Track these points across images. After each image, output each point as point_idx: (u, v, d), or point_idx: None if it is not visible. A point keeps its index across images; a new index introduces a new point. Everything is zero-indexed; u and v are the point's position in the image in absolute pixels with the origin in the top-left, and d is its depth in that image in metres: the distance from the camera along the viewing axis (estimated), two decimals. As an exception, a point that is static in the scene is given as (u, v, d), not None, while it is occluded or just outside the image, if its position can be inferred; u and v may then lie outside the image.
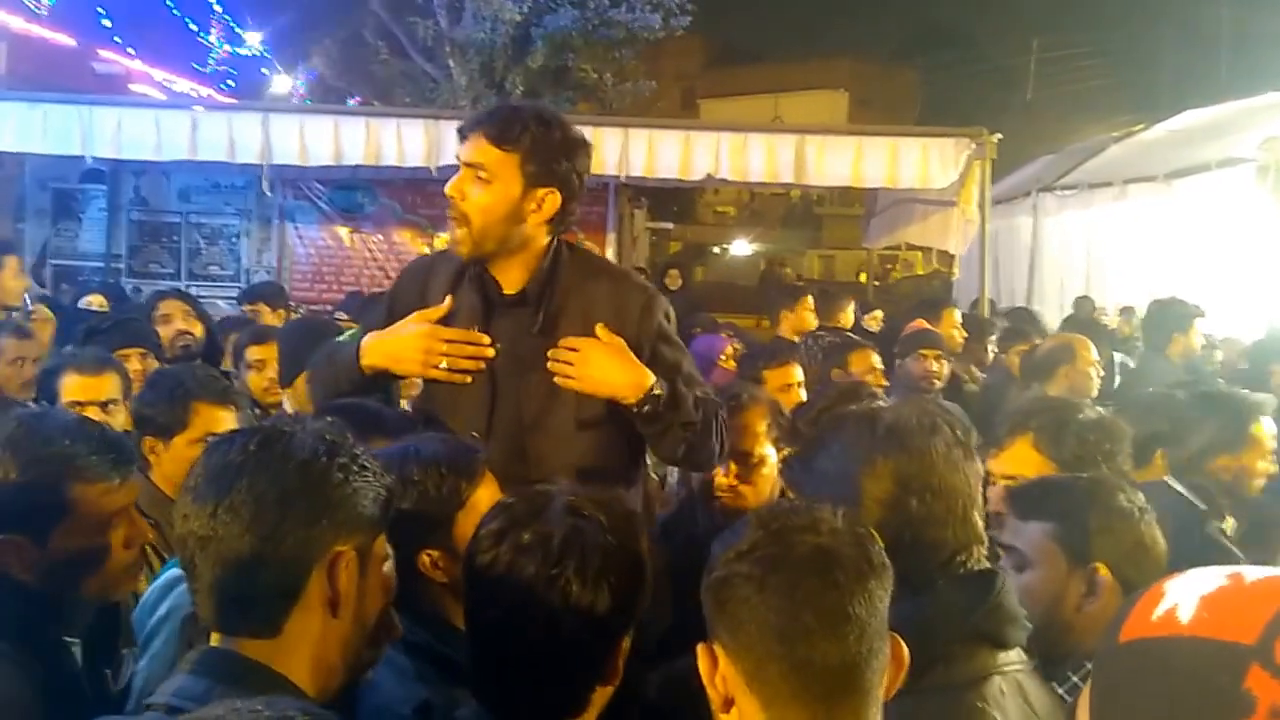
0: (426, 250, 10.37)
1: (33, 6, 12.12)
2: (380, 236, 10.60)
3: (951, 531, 1.67)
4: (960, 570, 1.67)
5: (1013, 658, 1.64)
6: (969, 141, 8.07)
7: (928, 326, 5.53)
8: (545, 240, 2.51)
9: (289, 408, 3.63)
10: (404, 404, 3.21)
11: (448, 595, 1.79)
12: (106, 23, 14.13)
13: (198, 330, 4.87)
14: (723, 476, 2.88)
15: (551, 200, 2.45)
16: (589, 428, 2.47)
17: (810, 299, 6.35)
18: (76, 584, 1.81)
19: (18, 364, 3.88)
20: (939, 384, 5.04)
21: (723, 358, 5.17)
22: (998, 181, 9.24)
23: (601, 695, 1.53)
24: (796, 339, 5.58)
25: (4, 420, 1.87)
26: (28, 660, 1.71)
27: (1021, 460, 2.69)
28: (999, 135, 8.17)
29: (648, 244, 17.63)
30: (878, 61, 43.62)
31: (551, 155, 2.44)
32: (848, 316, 6.91)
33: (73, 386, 3.12)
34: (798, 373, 4.17)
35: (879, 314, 8.60)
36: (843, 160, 8.20)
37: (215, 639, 1.37)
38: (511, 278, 2.53)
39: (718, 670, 1.36)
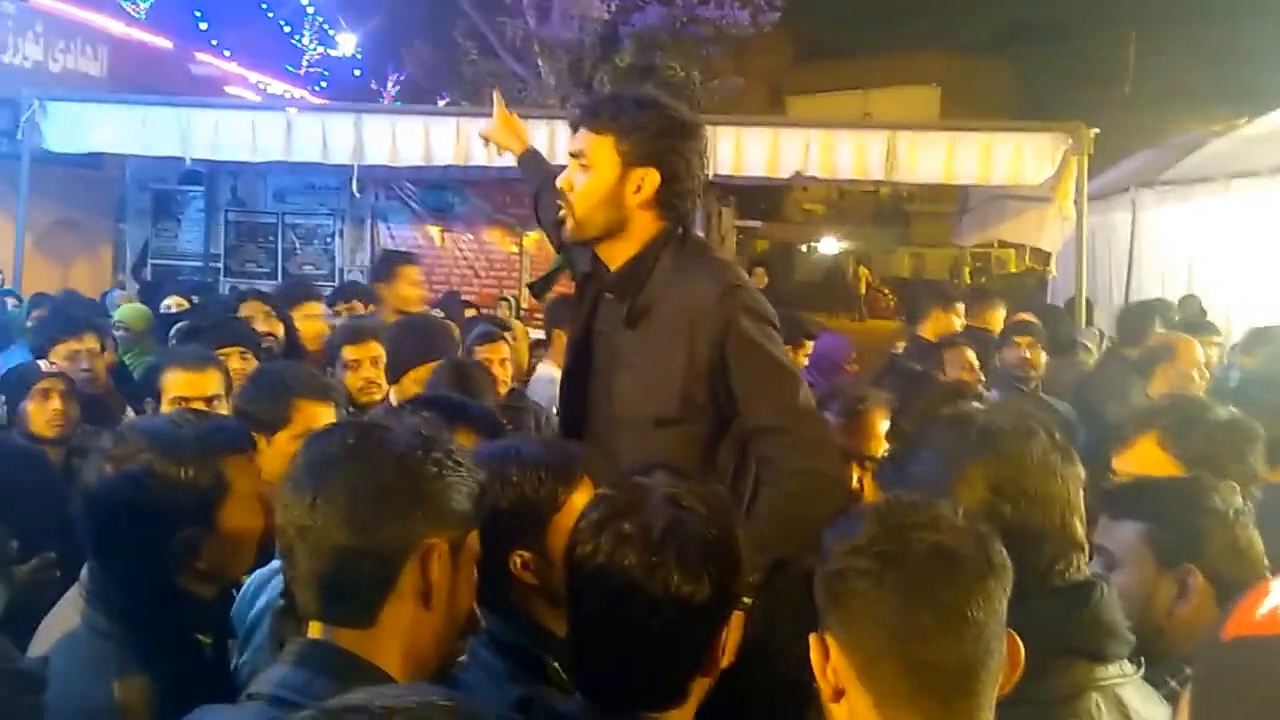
0: (515, 250, 10.44)
1: (130, 10, 12.50)
2: (470, 236, 10.69)
3: (1049, 539, 1.62)
4: (1058, 580, 1.62)
5: (1112, 672, 1.58)
6: (1065, 136, 7.83)
7: (1025, 317, 5.45)
8: (651, 225, 2.49)
9: (395, 405, 3.65)
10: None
11: (536, 597, 1.80)
12: (203, 25, 14.52)
13: (279, 331, 4.94)
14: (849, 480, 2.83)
15: (650, 179, 2.43)
16: (667, 425, 2.44)
17: (962, 305, 6.25)
18: (245, 561, 1.92)
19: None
20: (1035, 372, 4.99)
21: (849, 362, 5.19)
22: (1094, 177, 8.94)
23: (700, 686, 1.53)
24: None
25: (134, 432, 1.92)
26: (157, 658, 1.76)
27: (1146, 459, 2.62)
28: (1096, 130, 7.92)
29: (735, 242, 17.53)
30: (970, 55, 42.71)
31: (648, 135, 2.43)
32: (997, 319, 6.61)
33: (177, 382, 3.17)
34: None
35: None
36: (934, 157, 8.02)
37: (314, 629, 1.41)
38: (615, 263, 2.53)
39: (829, 661, 1.36)
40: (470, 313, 8.07)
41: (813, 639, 1.38)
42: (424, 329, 3.98)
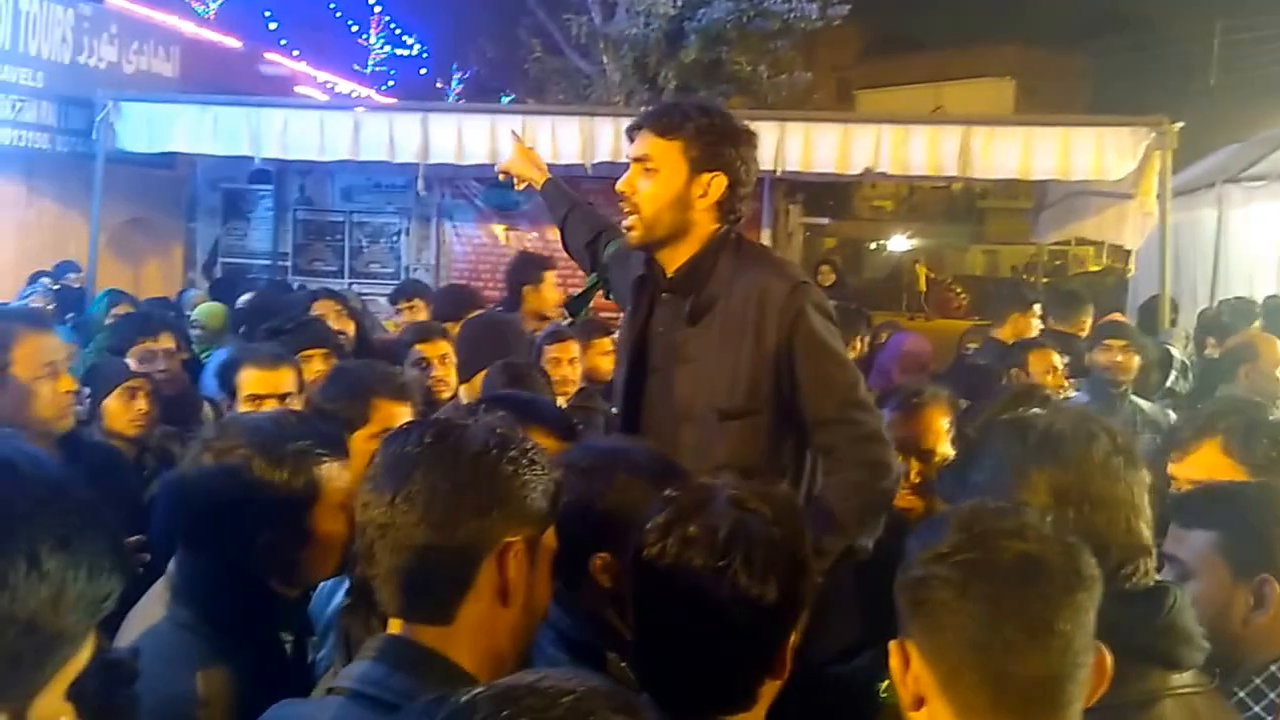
0: (579, 247, 10.39)
1: (199, 9, 12.69)
2: (535, 234, 10.65)
3: (1114, 544, 1.56)
4: (1126, 584, 1.56)
5: (1187, 679, 1.57)
6: (1148, 130, 7.60)
7: (1117, 318, 5.30)
8: (713, 228, 2.55)
9: (465, 403, 3.68)
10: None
11: (608, 600, 1.79)
12: (272, 26, 14.72)
13: (350, 329, 4.95)
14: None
15: (718, 184, 2.51)
16: (733, 418, 2.49)
17: (1039, 308, 6.13)
18: (328, 567, 1.95)
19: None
20: (1127, 375, 4.87)
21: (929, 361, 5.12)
22: (1178, 172, 8.63)
23: (770, 689, 1.52)
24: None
25: (227, 429, 1.99)
26: (240, 653, 1.79)
27: (1209, 464, 2.57)
28: (1180, 123, 7.66)
29: (802, 240, 17.33)
30: (1045, 47, 41.80)
31: (714, 140, 2.51)
32: (1085, 323, 6.43)
33: (252, 380, 3.22)
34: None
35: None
36: (1010, 151, 7.83)
37: (394, 625, 1.43)
38: (674, 264, 2.59)
39: (909, 669, 1.34)
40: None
41: (893, 646, 1.37)
42: (497, 328, 4.03)
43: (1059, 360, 4.61)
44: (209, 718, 1.74)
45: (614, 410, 2.73)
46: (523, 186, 3.61)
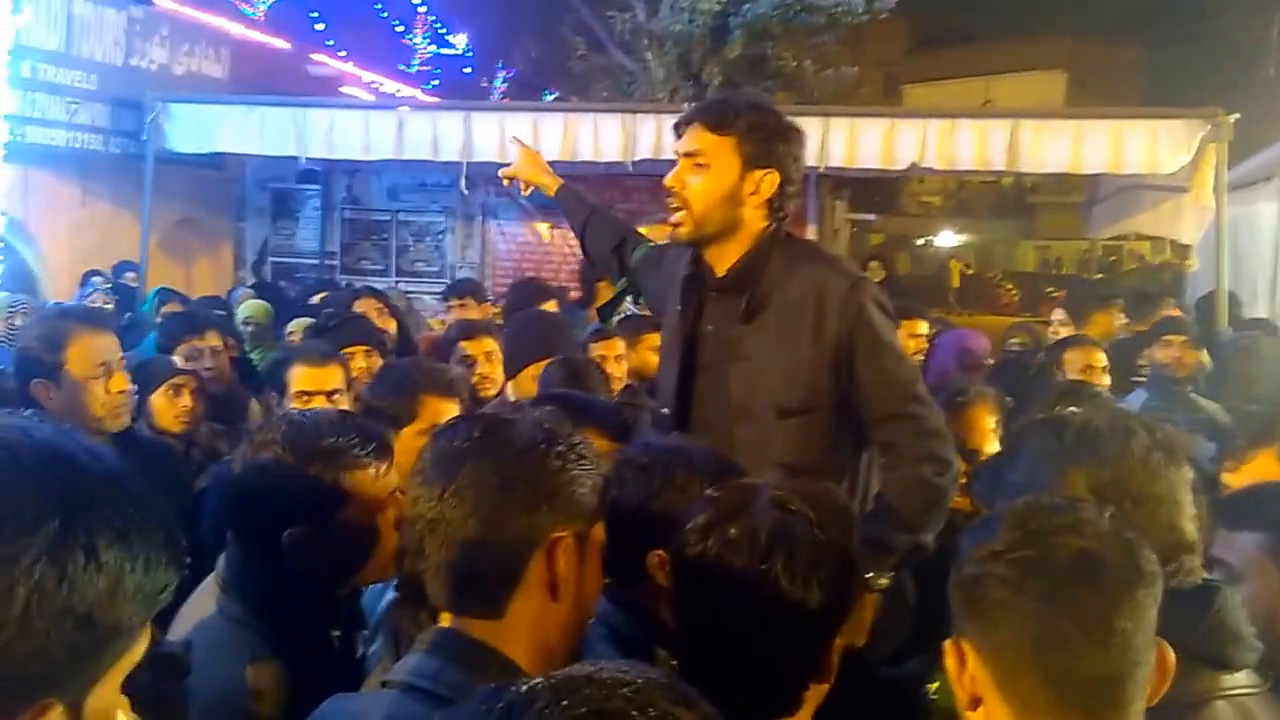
0: (621, 244, 10.38)
1: (249, 12, 12.84)
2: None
3: (1156, 542, 1.49)
4: (1170, 583, 1.49)
5: (1240, 680, 1.54)
6: (1203, 122, 7.45)
7: (1174, 313, 5.22)
8: (762, 225, 2.53)
9: (511, 399, 3.72)
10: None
11: (664, 599, 1.75)
12: (319, 26, 14.85)
13: (391, 327, 4.98)
14: None
15: (769, 181, 2.48)
16: (791, 415, 2.46)
17: (1120, 307, 6.07)
18: (358, 568, 1.95)
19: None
20: (1187, 371, 4.83)
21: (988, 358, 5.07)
22: (1235, 165, 8.44)
23: (815, 693, 1.50)
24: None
25: (273, 424, 2.03)
26: (288, 647, 1.82)
27: (1266, 474, 2.52)
28: (1236, 115, 7.50)
29: (849, 236, 17.18)
30: (1097, 38, 41.09)
31: (767, 137, 2.49)
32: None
33: (302, 377, 3.26)
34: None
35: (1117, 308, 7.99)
36: (1061, 145, 7.71)
37: (445, 619, 1.44)
38: (724, 263, 2.56)
39: (965, 669, 1.32)
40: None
41: (948, 645, 1.35)
42: (542, 325, 4.00)
43: (1101, 359, 4.52)
44: (259, 712, 1.75)
45: (664, 410, 2.70)
46: (528, 191, 3.58)
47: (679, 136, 2.57)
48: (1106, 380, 4.49)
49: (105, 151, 9.19)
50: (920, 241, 37.19)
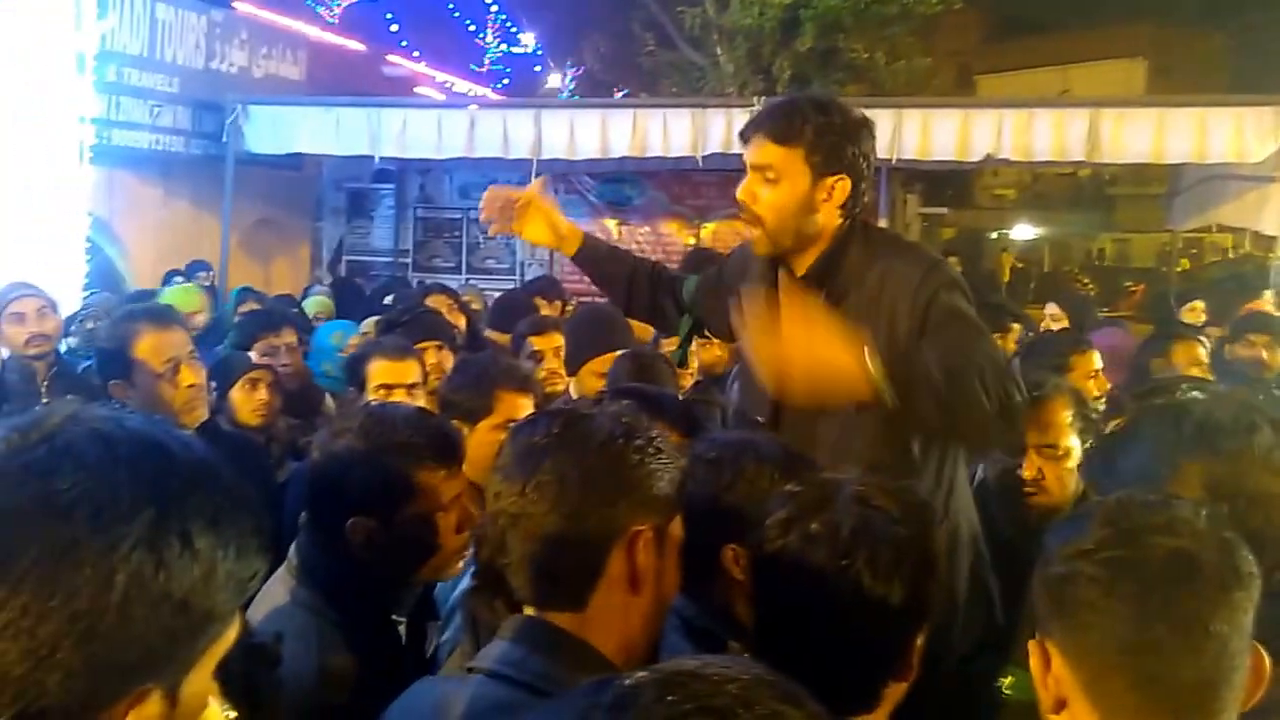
0: (693, 241, 10.37)
1: (325, 15, 13.05)
2: (648, 228, 10.68)
3: (1270, 543, 1.44)
4: (1271, 585, 1.43)
5: None
6: (1289, 110, 7.25)
7: (1260, 308, 5.03)
8: (837, 224, 2.49)
9: (574, 396, 3.70)
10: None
11: (739, 593, 1.75)
12: (394, 28, 15.05)
13: (462, 323, 5.02)
14: (1026, 470, 2.75)
15: (842, 186, 2.43)
16: (870, 409, 2.34)
17: (1200, 303, 5.89)
18: (414, 565, 1.95)
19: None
20: (1270, 371, 4.68)
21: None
22: (1325, 153, 8.17)
23: (895, 691, 1.48)
24: None
25: (353, 412, 2.07)
26: (356, 635, 1.85)
27: None
28: (1325, 102, 7.28)
29: (920, 230, 16.97)
30: (1179, 25, 39.93)
31: (835, 142, 2.42)
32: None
33: (381, 371, 3.31)
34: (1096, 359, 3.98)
35: (1199, 304, 7.76)
36: (1142, 134, 7.56)
37: (528, 610, 1.44)
38: (803, 264, 2.53)
39: (1050, 670, 1.28)
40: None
41: (1032, 646, 1.31)
42: (601, 320, 3.97)
43: (1204, 354, 4.40)
44: (330, 697, 1.78)
45: (759, 418, 2.65)
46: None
47: (745, 144, 2.53)
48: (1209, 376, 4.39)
49: (186, 153, 9.42)
50: (994, 235, 36.54)
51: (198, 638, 0.85)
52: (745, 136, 2.53)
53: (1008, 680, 2.14)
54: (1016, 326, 5.29)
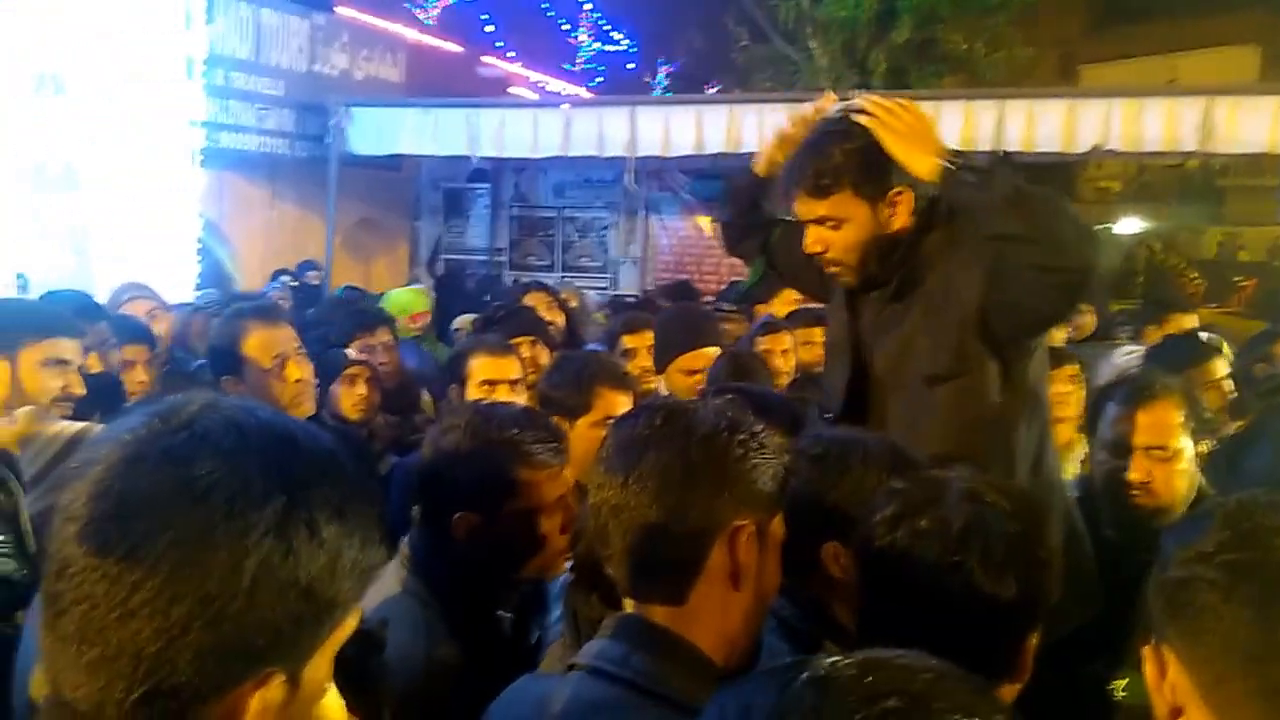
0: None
1: (422, 18, 13.26)
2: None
3: None
4: None
5: None
6: None
7: None
8: (909, 222, 2.44)
9: (664, 393, 3.72)
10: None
11: (837, 592, 1.75)
12: (489, 29, 15.22)
13: (559, 320, 5.05)
14: (1134, 472, 2.65)
15: (904, 199, 2.39)
16: (939, 383, 2.37)
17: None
18: (517, 563, 1.97)
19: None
20: None
21: None
22: None
23: (1008, 692, 1.46)
24: None
25: (462, 409, 2.11)
26: (462, 627, 1.88)
27: None
28: None
29: (1020, 224, 16.47)
30: (1295, 9, 38.41)
31: (874, 162, 2.37)
32: None
33: (485, 366, 3.35)
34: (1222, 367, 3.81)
35: None
36: (1258, 123, 7.25)
37: (628, 604, 1.44)
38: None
39: (1166, 677, 1.23)
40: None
41: (1147, 651, 1.26)
42: (690, 318, 4.02)
43: None
44: (434, 687, 1.80)
45: (828, 415, 2.62)
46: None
47: (791, 203, 2.49)
48: None
49: (291, 155, 9.67)
50: (1098, 229, 35.54)
51: (321, 625, 0.87)
52: (789, 196, 2.50)
53: (1122, 683, 2.09)
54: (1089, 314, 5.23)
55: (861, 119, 2.37)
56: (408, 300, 5.94)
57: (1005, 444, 2.37)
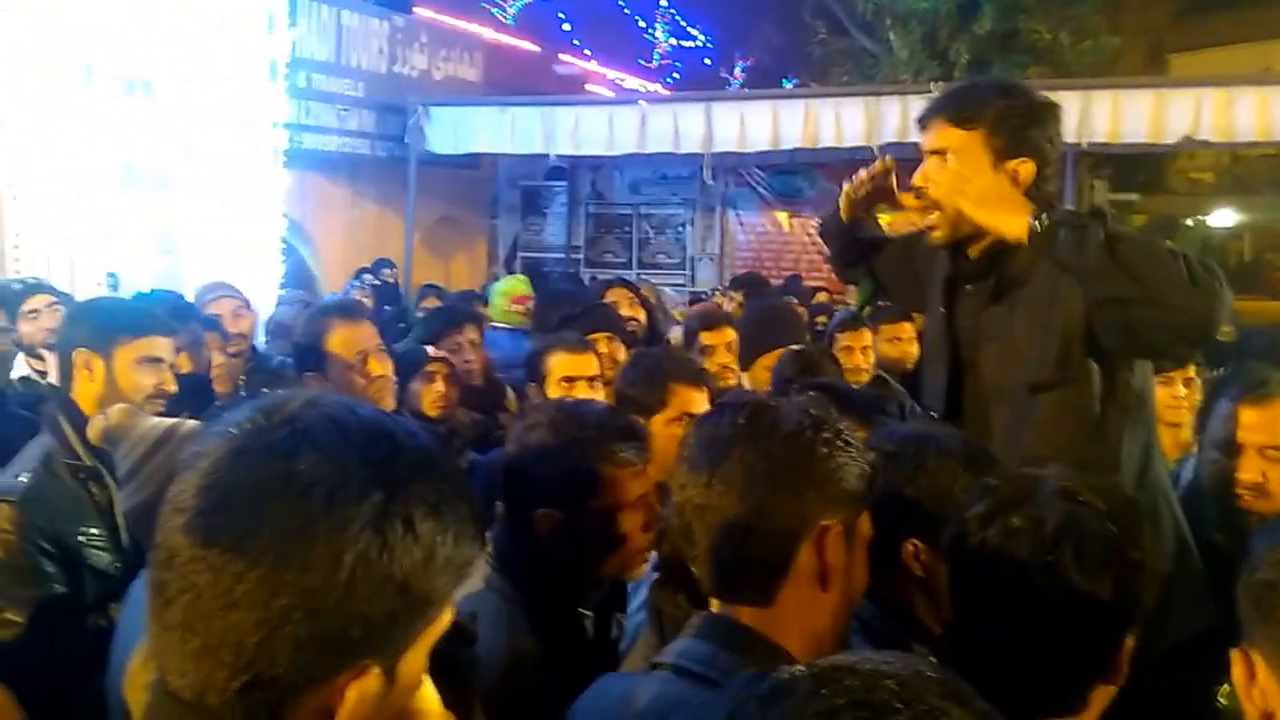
0: (864, 233, 10.19)
1: (500, 17, 13.38)
2: (819, 220, 10.54)
3: None
4: None
5: None
6: None
7: None
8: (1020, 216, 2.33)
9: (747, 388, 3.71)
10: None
11: (918, 589, 1.73)
12: (565, 27, 15.33)
13: (641, 316, 5.04)
14: (1246, 472, 2.55)
15: (1025, 170, 2.30)
16: (1044, 390, 2.29)
17: None
18: (598, 560, 1.96)
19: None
20: None
21: None
22: None
23: (1103, 694, 1.42)
24: None
25: (546, 406, 2.13)
26: (543, 623, 1.88)
27: None
28: None
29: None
30: (1398, -8, 36.92)
31: (1018, 124, 2.31)
32: None
33: (564, 363, 3.35)
34: None
35: None
36: (1357, 111, 6.98)
37: (714, 604, 1.42)
38: (979, 247, 2.42)
39: (1255, 681, 1.20)
40: (821, 297, 7.90)
41: (1236, 655, 1.24)
42: (775, 315, 4.01)
43: None
44: (515, 681, 1.80)
45: (932, 414, 2.58)
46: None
47: (923, 130, 2.42)
48: None
49: (372, 155, 9.83)
50: (1189, 222, 34.54)
51: (416, 619, 0.87)
52: (923, 122, 2.42)
53: (1224, 690, 2.03)
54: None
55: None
56: (510, 285, 6.01)
57: (1109, 453, 2.31)
